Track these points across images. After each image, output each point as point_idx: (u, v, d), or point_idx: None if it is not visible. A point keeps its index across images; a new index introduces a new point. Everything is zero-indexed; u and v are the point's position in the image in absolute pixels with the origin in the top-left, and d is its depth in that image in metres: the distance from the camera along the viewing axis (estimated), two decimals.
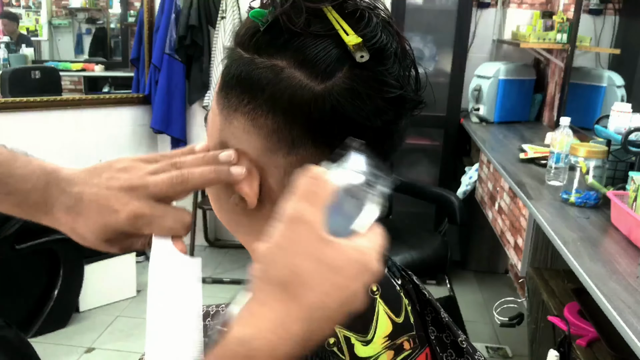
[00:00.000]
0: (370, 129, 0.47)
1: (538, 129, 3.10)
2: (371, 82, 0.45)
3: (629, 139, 1.79)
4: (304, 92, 0.45)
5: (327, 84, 0.45)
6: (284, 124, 0.46)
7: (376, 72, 0.46)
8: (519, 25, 3.17)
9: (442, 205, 2.79)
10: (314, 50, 0.45)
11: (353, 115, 0.45)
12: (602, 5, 2.94)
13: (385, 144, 0.49)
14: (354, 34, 0.45)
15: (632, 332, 1.07)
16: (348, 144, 0.43)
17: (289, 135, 0.46)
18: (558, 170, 1.99)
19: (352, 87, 0.45)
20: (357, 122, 0.46)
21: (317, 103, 0.45)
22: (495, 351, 2.67)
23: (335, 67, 0.45)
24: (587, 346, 1.54)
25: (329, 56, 0.45)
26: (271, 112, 0.46)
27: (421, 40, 3.38)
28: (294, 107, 0.45)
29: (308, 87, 0.45)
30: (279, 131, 0.46)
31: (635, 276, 1.31)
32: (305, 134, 0.46)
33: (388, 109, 0.46)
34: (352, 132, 0.46)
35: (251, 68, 0.46)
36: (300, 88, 0.45)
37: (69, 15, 5.23)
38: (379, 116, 0.46)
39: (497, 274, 3.47)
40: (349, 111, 0.45)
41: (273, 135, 0.47)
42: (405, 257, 2.45)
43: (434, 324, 0.58)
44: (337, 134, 0.46)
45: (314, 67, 0.45)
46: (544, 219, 1.66)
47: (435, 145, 3.46)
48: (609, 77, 2.74)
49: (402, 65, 0.48)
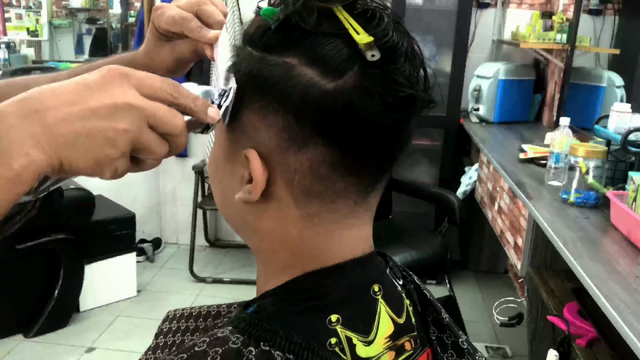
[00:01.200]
0: (380, 128, 0.47)
1: (538, 129, 3.10)
2: (382, 80, 0.46)
3: (628, 139, 1.79)
4: (315, 89, 0.45)
5: (339, 82, 0.45)
6: (295, 122, 0.46)
7: (387, 71, 0.46)
8: (518, 26, 3.17)
9: (442, 205, 2.79)
10: (326, 49, 0.45)
11: (363, 113, 0.45)
12: (602, 6, 2.95)
13: (393, 143, 0.49)
14: (365, 33, 0.45)
15: (632, 332, 1.07)
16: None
17: (299, 133, 0.46)
18: (558, 170, 1.99)
19: (363, 85, 0.45)
20: (368, 120, 0.46)
21: (328, 101, 0.45)
22: (495, 351, 2.68)
23: (347, 66, 0.45)
24: (587, 346, 1.54)
25: (340, 54, 0.45)
26: (282, 109, 0.46)
27: (421, 40, 3.38)
28: (304, 104, 0.45)
29: (319, 85, 0.45)
30: (289, 129, 0.46)
31: (635, 276, 1.31)
32: (315, 132, 0.46)
33: (398, 107, 0.46)
34: (362, 131, 0.46)
35: (262, 65, 0.47)
36: (311, 86, 0.45)
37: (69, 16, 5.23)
38: (390, 115, 0.46)
39: (497, 274, 3.48)
40: (359, 109, 0.45)
41: (283, 132, 0.47)
42: (405, 257, 2.45)
43: (434, 324, 0.58)
44: (348, 133, 0.46)
45: (326, 65, 0.45)
46: (543, 219, 1.66)
47: (435, 145, 3.46)
48: (608, 77, 2.75)
49: (412, 64, 0.48)
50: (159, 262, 3.51)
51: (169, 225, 3.72)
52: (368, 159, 0.49)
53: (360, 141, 0.47)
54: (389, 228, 2.84)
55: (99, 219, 2.85)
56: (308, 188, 0.48)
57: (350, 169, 0.48)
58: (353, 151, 0.47)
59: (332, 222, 0.50)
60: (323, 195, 0.49)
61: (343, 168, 0.48)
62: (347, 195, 0.49)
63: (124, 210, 3.02)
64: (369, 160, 0.49)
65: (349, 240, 0.52)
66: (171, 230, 3.73)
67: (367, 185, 0.50)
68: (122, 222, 2.93)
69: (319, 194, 0.49)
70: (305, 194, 0.49)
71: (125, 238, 2.94)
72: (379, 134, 0.47)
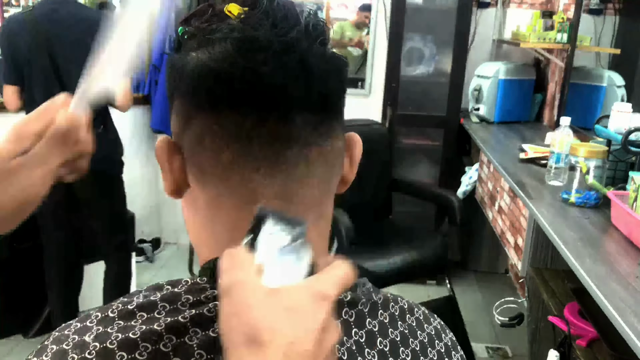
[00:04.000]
0: (243, 86, 0.46)
1: (538, 129, 3.10)
2: (240, 42, 0.46)
3: (629, 139, 1.78)
4: (189, 64, 0.47)
5: (206, 52, 0.47)
6: (183, 100, 0.49)
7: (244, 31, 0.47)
8: (519, 25, 3.17)
9: (442, 205, 2.79)
10: (203, 30, 0.48)
11: (226, 75, 0.46)
12: (602, 5, 2.95)
13: (269, 103, 0.46)
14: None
15: (632, 332, 1.07)
16: (256, 212, 0.41)
17: (187, 110, 0.49)
18: (558, 170, 1.99)
19: (226, 49, 0.46)
20: (229, 80, 0.46)
21: (199, 70, 0.47)
22: (495, 351, 2.68)
23: (216, 37, 0.47)
24: (587, 346, 1.54)
25: (210, 29, 0.48)
26: (176, 93, 0.50)
27: (421, 40, 3.38)
28: (182, 80, 0.48)
29: (194, 60, 0.47)
30: (182, 110, 0.49)
31: (635, 276, 1.31)
32: (195, 105, 0.48)
33: (235, 54, 0.46)
34: (229, 92, 0.46)
35: (167, 64, 0.52)
36: (187, 62, 0.48)
37: None
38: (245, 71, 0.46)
39: (497, 274, 3.47)
40: (223, 71, 0.46)
41: (178, 115, 0.50)
42: (405, 257, 2.45)
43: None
44: (219, 97, 0.47)
45: (200, 41, 0.48)
46: (544, 219, 1.66)
47: (435, 145, 3.46)
48: (609, 77, 2.74)
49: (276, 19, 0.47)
50: (159, 262, 3.51)
51: (168, 225, 3.71)
52: (243, 122, 0.46)
53: (230, 102, 0.46)
54: (389, 228, 2.84)
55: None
56: (200, 165, 0.49)
57: (232, 132, 0.46)
58: (228, 115, 0.46)
59: (234, 208, 0.49)
60: (214, 172, 0.48)
61: (225, 135, 0.47)
62: (239, 170, 0.47)
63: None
64: (246, 123, 0.46)
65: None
66: (171, 230, 3.73)
67: (262, 157, 0.47)
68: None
69: (211, 171, 0.48)
70: (200, 172, 0.49)
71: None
72: (245, 94, 0.46)
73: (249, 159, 0.47)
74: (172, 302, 0.47)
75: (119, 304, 0.48)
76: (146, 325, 0.45)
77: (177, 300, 0.47)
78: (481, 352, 2.65)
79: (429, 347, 0.57)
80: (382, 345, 0.53)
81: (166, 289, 0.49)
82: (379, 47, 3.41)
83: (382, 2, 3.35)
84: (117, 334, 0.45)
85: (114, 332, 0.45)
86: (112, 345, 0.44)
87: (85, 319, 0.48)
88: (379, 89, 3.41)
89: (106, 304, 0.49)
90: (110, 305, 0.48)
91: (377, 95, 3.41)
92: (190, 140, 0.49)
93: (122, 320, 0.46)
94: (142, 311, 0.47)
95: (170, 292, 0.48)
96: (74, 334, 0.46)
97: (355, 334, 0.52)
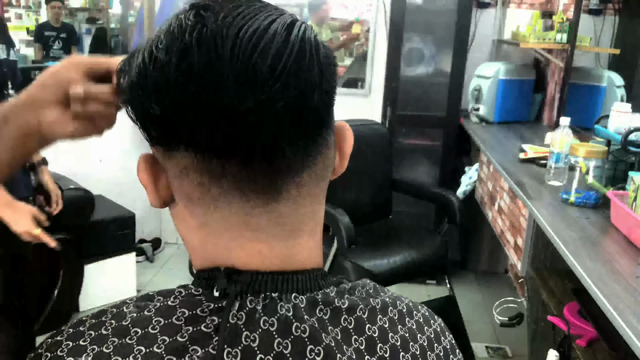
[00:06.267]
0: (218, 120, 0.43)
1: (538, 129, 3.10)
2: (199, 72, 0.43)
3: (628, 139, 1.79)
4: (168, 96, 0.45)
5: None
6: (162, 127, 0.46)
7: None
8: (518, 25, 3.17)
9: (442, 205, 2.79)
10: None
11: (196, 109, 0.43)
12: (602, 5, 2.95)
13: (253, 139, 0.43)
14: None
15: (632, 332, 1.07)
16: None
17: (166, 139, 0.47)
18: (558, 170, 1.99)
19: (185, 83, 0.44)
20: (202, 117, 0.43)
21: (172, 109, 0.45)
22: (495, 351, 2.68)
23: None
24: (587, 346, 1.54)
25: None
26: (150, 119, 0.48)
27: (421, 40, 3.38)
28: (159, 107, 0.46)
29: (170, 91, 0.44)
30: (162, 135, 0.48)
31: (635, 276, 1.31)
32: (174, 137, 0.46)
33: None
34: (204, 128, 0.43)
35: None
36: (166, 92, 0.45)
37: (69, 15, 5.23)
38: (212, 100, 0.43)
39: (497, 274, 3.48)
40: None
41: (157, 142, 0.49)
42: (405, 257, 2.45)
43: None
44: (192, 133, 0.44)
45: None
46: (543, 219, 1.66)
47: (435, 145, 3.46)
48: (608, 77, 2.75)
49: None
50: (159, 262, 3.51)
51: (168, 225, 3.71)
52: (229, 163, 0.44)
53: (207, 139, 0.44)
54: (389, 228, 2.84)
55: (98, 219, 2.85)
56: (188, 194, 0.48)
57: (217, 172, 0.45)
58: (208, 152, 0.44)
59: (227, 231, 0.48)
60: (203, 202, 0.47)
61: (209, 171, 0.45)
62: (229, 203, 0.46)
63: (124, 210, 3.02)
64: (232, 161, 0.44)
65: (250, 253, 0.48)
66: (171, 230, 3.73)
67: (250, 191, 0.46)
68: (122, 222, 2.93)
69: (200, 201, 0.47)
70: (188, 200, 0.48)
71: (125, 238, 2.95)
72: (223, 129, 0.43)
73: (238, 193, 0.46)
74: (167, 316, 0.46)
75: (111, 319, 0.46)
76: (145, 346, 0.44)
77: (171, 314, 0.46)
78: (481, 351, 2.66)
79: (429, 351, 0.56)
80: (382, 351, 0.52)
81: (157, 300, 0.48)
82: (379, 47, 3.41)
83: (382, 2, 3.35)
84: (117, 357, 0.43)
85: (110, 351, 0.44)
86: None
87: (79, 336, 0.45)
88: (379, 89, 3.41)
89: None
90: (100, 319, 0.47)
91: (377, 95, 3.41)
92: (174, 170, 0.47)
93: (116, 337, 0.45)
94: (136, 327, 0.45)
95: (164, 305, 0.47)
96: (68, 355, 0.44)
97: (355, 341, 0.50)
